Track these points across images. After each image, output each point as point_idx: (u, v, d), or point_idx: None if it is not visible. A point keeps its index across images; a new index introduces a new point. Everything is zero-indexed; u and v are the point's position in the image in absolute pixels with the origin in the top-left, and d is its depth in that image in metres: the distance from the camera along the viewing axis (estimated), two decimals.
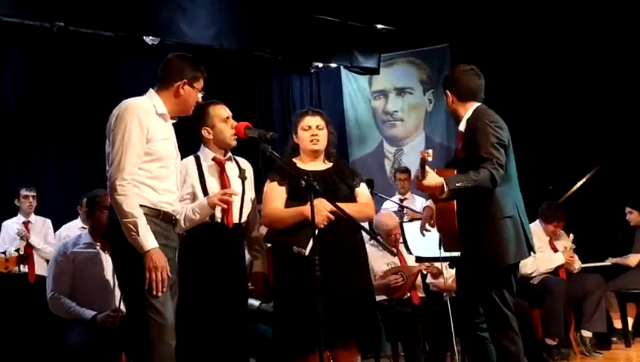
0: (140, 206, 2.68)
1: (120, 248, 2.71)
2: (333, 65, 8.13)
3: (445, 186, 2.87)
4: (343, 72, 8.27)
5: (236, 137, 3.31)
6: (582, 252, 5.52)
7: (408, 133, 8.24)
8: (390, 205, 6.20)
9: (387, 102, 8.29)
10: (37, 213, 5.81)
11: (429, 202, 3.33)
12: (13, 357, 4.27)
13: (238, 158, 3.44)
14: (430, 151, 2.87)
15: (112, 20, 6.49)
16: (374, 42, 7.68)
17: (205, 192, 3.23)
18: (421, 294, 4.77)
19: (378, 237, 2.75)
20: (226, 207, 3.13)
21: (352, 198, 3.30)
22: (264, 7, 7.10)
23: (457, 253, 3.25)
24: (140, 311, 2.63)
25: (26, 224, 5.52)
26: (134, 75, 7.05)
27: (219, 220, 3.23)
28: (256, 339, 3.45)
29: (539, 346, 4.65)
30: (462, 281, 3.30)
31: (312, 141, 3.32)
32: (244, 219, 3.32)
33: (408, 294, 4.68)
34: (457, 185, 2.89)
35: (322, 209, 3.04)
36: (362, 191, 3.36)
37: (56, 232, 5.43)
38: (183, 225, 3.16)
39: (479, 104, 3.25)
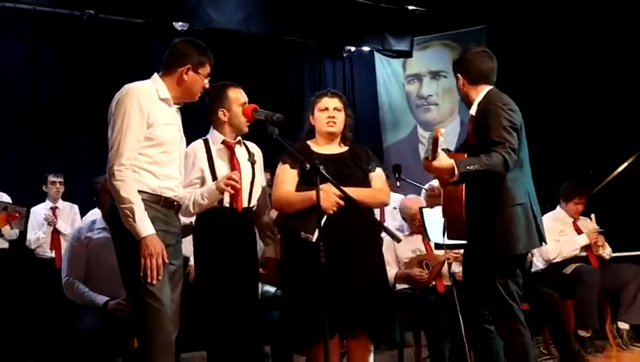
0: (140, 191, 2.65)
1: (119, 234, 2.68)
2: (366, 49, 7.98)
3: (456, 169, 2.73)
4: (377, 55, 8.12)
5: (249, 124, 3.23)
6: (619, 240, 5.28)
7: (443, 117, 8.03)
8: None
9: (421, 86, 8.11)
10: (68, 199, 5.89)
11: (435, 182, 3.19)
12: (29, 340, 4.33)
13: (247, 143, 3.37)
14: (442, 129, 2.71)
15: (141, 7, 6.51)
16: (407, 24, 7.50)
17: (214, 176, 3.16)
18: (447, 283, 4.62)
19: (386, 226, 2.60)
20: (232, 191, 3.06)
21: (366, 183, 3.19)
22: None
23: (461, 241, 3.12)
24: (138, 296, 2.61)
25: (53, 209, 5.59)
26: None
27: (227, 205, 3.16)
28: (271, 326, 3.39)
29: (569, 338, 4.45)
30: (468, 270, 3.17)
31: (328, 123, 3.22)
32: (253, 203, 3.25)
33: (433, 283, 4.54)
34: (468, 168, 2.74)
35: (331, 194, 2.95)
36: (377, 176, 3.25)
37: (83, 218, 5.48)
38: (192, 210, 3.11)
39: (491, 87, 3.11)
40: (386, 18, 7.40)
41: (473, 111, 3.10)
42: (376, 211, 6.35)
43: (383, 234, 3.34)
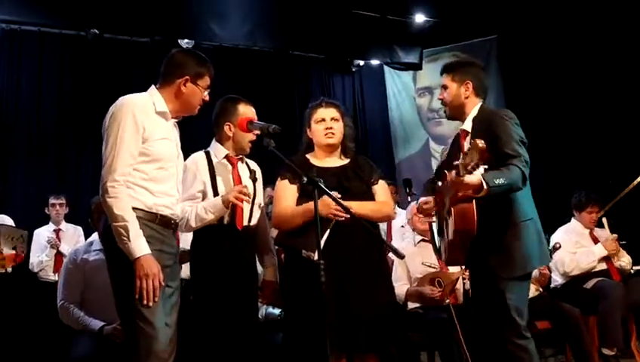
0: (135, 209, 2.51)
1: (112, 254, 2.54)
2: (375, 62, 7.87)
3: (484, 183, 2.54)
4: (386, 69, 8.00)
5: (251, 144, 3.10)
6: None
7: (456, 131, 7.84)
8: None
9: (432, 99, 7.95)
10: (74, 220, 5.79)
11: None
12: None
13: (248, 160, 3.23)
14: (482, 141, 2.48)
15: (145, 25, 6.46)
16: (415, 36, 7.38)
17: (215, 191, 3.03)
18: (460, 300, 4.43)
19: (389, 243, 2.44)
20: (241, 204, 2.92)
21: (369, 196, 3.04)
22: (297, 4, 6.91)
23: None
24: (130, 320, 2.46)
25: (57, 232, 5.49)
26: None
27: (227, 222, 3.02)
28: (275, 350, 3.22)
29: (592, 356, 4.23)
30: (478, 289, 2.98)
31: (326, 135, 3.08)
32: (253, 222, 3.10)
33: (447, 301, 4.35)
34: (496, 182, 2.56)
35: (328, 201, 2.80)
36: (381, 188, 3.10)
37: (87, 240, 5.35)
38: (193, 224, 2.98)
39: (482, 103, 2.99)
40: (393, 30, 7.29)
41: (468, 126, 2.94)
42: (383, 227, 6.21)
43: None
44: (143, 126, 2.54)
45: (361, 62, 7.83)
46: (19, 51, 6.37)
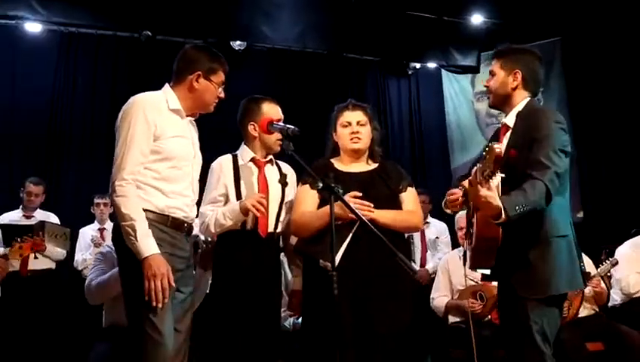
0: (145, 210, 2.45)
1: (121, 254, 2.49)
2: (432, 65, 7.62)
3: (503, 212, 2.30)
4: (443, 72, 7.74)
5: (280, 143, 2.98)
6: None
7: None
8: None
9: None
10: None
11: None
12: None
13: (281, 163, 3.11)
14: (499, 144, 2.27)
15: (196, 27, 6.46)
16: (472, 38, 7.09)
17: (239, 194, 2.94)
18: None
19: (401, 256, 2.25)
20: (258, 214, 2.81)
21: (396, 205, 2.86)
22: (350, 5, 6.76)
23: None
24: (138, 325, 2.39)
25: (101, 231, 5.54)
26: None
27: (250, 228, 2.91)
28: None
29: None
30: (503, 307, 2.73)
31: (352, 139, 2.94)
32: (281, 228, 2.98)
33: (489, 316, 4.11)
34: (517, 209, 2.32)
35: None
36: (409, 197, 2.92)
37: None
38: (213, 230, 2.91)
39: (531, 97, 2.71)
40: (449, 32, 7.03)
41: (510, 120, 2.68)
42: (418, 239, 5.97)
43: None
44: (154, 123, 2.48)
45: (418, 65, 7.60)
46: (75, 54, 6.49)
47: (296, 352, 3.13)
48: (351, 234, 2.62)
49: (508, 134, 2.67)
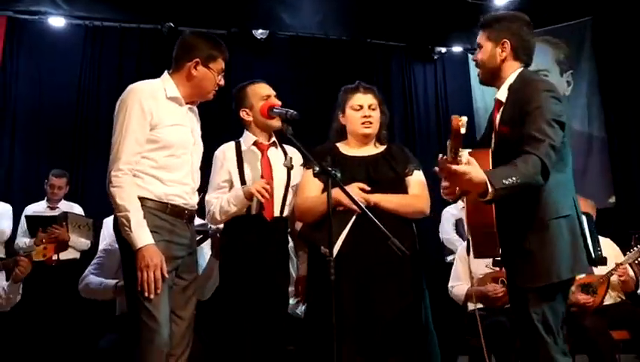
0: (144, 198, 2.47)
1: (120, 245, 2.51)
2: (458, 49, 7.46)
3: (489, 186, 2.07)
4: (470, 56, 7.56)
5: (279, 118, 2.94)
6: None
7: None
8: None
9: None
10: None
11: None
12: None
13: (287, 146, 3.08)
14: (464, 118, 2.08)
15: (214, 17, 6.46)
16: None
17: (243, 179, 2.93)
18: None
19: (394, 239, 2.19)
20: (263, 199, 2.79)
21: (402, 189, 2.80)
22: None
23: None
24: (134, 312, 2.41)
25: None
26: (246, 71, 6.97)
27: (255, 213, 2.90)
28: None
29: None
30: (512, 297, 2.59)
31: (363, 124, 2.87)
32: (287, 212, 2.96)
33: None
34: (505, 182, 2.09)
35: (355, 189, 2.62)
36: (416, 180, 2.85)
37: None
38: (218, 218, 2.91)
39: (523, 68, 2.52)
40: (474, 14, 6.84)
41: (502, 95, 2.49)
42: (450, 224, 5.85)
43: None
44: (150, 112, 2.48)
45: (443, 50, 7.45)
46: (100, 47, 6.56)
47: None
48: (352, 220, 2.57)
49: (501, 110, 2.49)
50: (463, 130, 2.06)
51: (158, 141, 2.50)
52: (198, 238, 3.75)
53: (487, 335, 3.71)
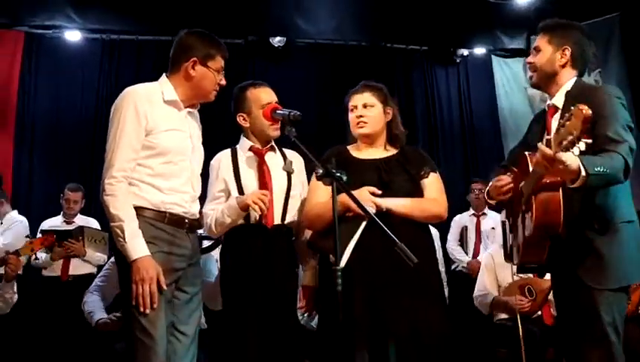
0: (141, 208, 2.34)
1: (117, 255, 2.38)
2: (481, 51, 7.27)
3: (582, 169, 2.06)
4: (494, 58, 7.37)
5: (278, 127, 2.81)
6: None
7: None
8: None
9: None
10: None
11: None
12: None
13: (287, 150, 2.94)
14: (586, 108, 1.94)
15: (234, 26, 6.40)
16: (520, 20, 6.69)
17: (240, 187, 2.79)
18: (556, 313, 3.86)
19: (402, 246, 2.03)
20: (258, 212, 2.65)
21: (416, 192, 2.63)
22: None
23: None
24: (130, 328, 2.28)
25: None
26: (264, 80, 6.86)
27: (255, 221, 2.75)
28: None
29: None
30: (563, 299, 2.49)
31: (357, 124, 2.72)
32: (289, 219, 2.81)
33: (539, 312, 3.81)
34: (597, 170, 2.09)
35: (365, 193, 2.49)
36: (432, 183, 2.67)
37: None
38: (215, 230, 2.77)
39: (578, 77, 2.52)
40: (496, 15, 6.67)
41: (559, 101, 2.47)
42: (472, 230, 5.68)
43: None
44: (145, 116, 2.36)
45: (465, 52, 7.26)
46: (117, 61, 6.53)
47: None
48: (362, 226, 2.41)
49: (557, 116, 2.46)
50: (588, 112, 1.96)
51: (154, 147, 2.38)
52: (208, 245, 3.64)
53: (517, 346, 3.54)
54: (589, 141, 2.04)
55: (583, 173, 2.06)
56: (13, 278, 3.20)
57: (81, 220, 5.18)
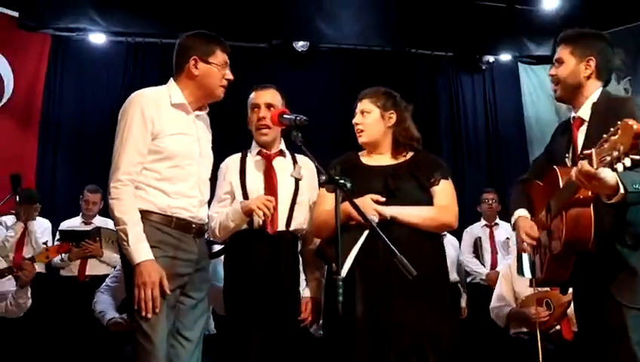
0: (147, 211, 2.34)
1: (123, 258, 2.38)
2: (507, 58, 7.16)
3: (621, 186, 1.99)
4: (521, 65, 7.25)
5: (265, 132, 2.81)
6: None
7: None
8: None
9: None
10: None
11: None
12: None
13: (298, 155, 2.90)
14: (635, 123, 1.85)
15: (257, 31, 6.39)
16: (546, 26, 6.55)
17: (244, 191, 2.76)
18: (575, 328, 3.74)
19: (401, 257, 1.97)
20: (262, 218, 2.63)
21: (425, 200, 2.56)
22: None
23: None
24: (133, 332, 2.28)
25: None
26: (288, 84, 6.86)
27: (258, 226, 2.72)
28: None
29: None
30: (587, 317, 2.40)
31: (356, 133, 2.69)
32: (295, 226, 2.77)
33: (558, 326, 3.71)
34: (636, 186, 2.01)
35: (368, 201, 2.44)
36: (442, 190, 2.59)
37: None
38: (218, 234, 2.75)
39: (603, 88, 2.43)
40: (522, 21, 6.55)
41: (585, 113, 2.39)
42: (487, 241, 5.58)
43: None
44: (152, 120, 2.36)
45: (491, 59, 7.16)
46: (142, 64, 6.58)
47: None
48: (365, 235, 2.36)
49: (583, 128, 2.39)
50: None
51: (161, 151, 2.37)
52: (217, 250, 3.62)
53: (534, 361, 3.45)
54: (637, 157, 1.90)
55: (622, 190, 1.99)
56: (26, 284, 3.23)
57: (99, 221, 5.22)
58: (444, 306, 2.48)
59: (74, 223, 5.23)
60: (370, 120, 2.66)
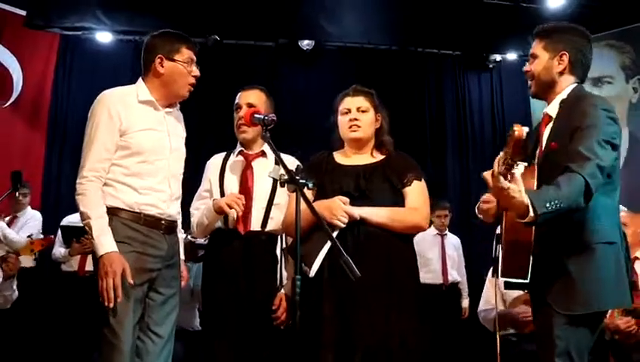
0: (115, 208, 2.39)
1: (93, 255, 2.42)
2: (513, 56, 7.10)
3: (531, 209, 1.94)
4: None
5: (244, 130, 2.85)
6: None
7: None
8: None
9: None
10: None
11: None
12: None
13: (285, 155, 2.91)
14: (525, 128, 1.89)
15: (262, 29, 6.41)
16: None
17: (222, 190, 2.81)
18: None
19: (347, 258, 1.97)
20: (231, 213, 2.67)
21: (397, 201, 2.56)
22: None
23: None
24: (98, 324, 2.32)
25: None
26: (293, 83, 6.88)
27: (233, 226, 2.76)
28: None
29: None
30: (536, 322, 2.36)
31: (350, 128, 2.67)
32: (271, 226, 2.79)
33: None
34: (548, 206, 1.95)
35: (337, 203, 2.44)
36: (413, 191, 2.58)
37: None
38: (194, 230, 2.80)
39: (577, 83, 2.36)
40: (529, 19, 6.46)
41: (553, 110, 2.35)
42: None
43: None
44: (119, 117, 2.41)
45: (498, 57, 7.10)
46: None
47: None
48: (334, 235, 2.36)
49: (550, 125, 2.34)
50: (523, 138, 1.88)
51: (129, 147, 2.43)
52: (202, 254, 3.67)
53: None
54: (525, 164, 1.95)
55: (531, 213, 1.94)
56: (10, 277, 3.29)
57: None
58: (412, 307, 2.48)
59: (74, 219, 5.30)
60: (367, 118, 2.68)
